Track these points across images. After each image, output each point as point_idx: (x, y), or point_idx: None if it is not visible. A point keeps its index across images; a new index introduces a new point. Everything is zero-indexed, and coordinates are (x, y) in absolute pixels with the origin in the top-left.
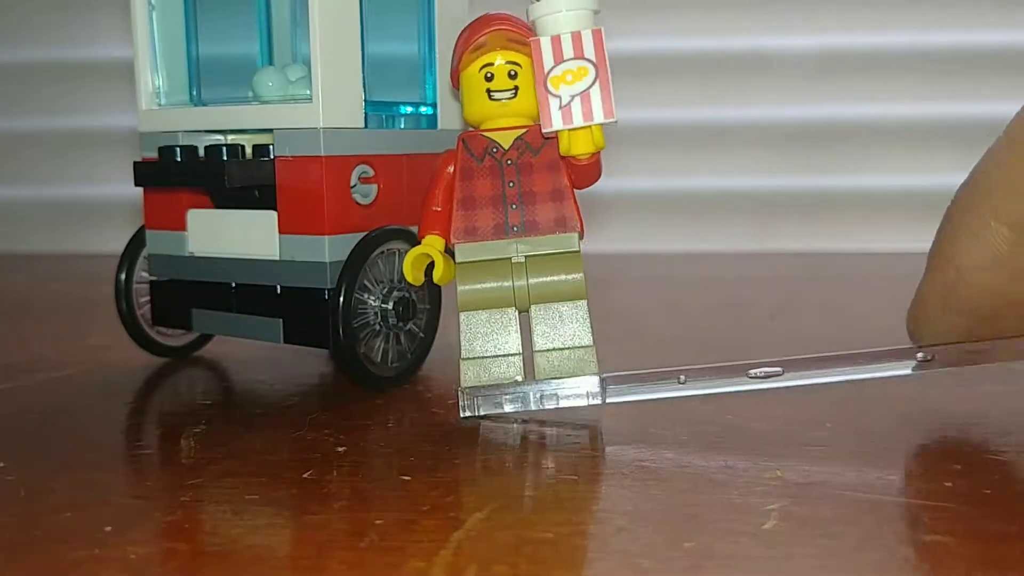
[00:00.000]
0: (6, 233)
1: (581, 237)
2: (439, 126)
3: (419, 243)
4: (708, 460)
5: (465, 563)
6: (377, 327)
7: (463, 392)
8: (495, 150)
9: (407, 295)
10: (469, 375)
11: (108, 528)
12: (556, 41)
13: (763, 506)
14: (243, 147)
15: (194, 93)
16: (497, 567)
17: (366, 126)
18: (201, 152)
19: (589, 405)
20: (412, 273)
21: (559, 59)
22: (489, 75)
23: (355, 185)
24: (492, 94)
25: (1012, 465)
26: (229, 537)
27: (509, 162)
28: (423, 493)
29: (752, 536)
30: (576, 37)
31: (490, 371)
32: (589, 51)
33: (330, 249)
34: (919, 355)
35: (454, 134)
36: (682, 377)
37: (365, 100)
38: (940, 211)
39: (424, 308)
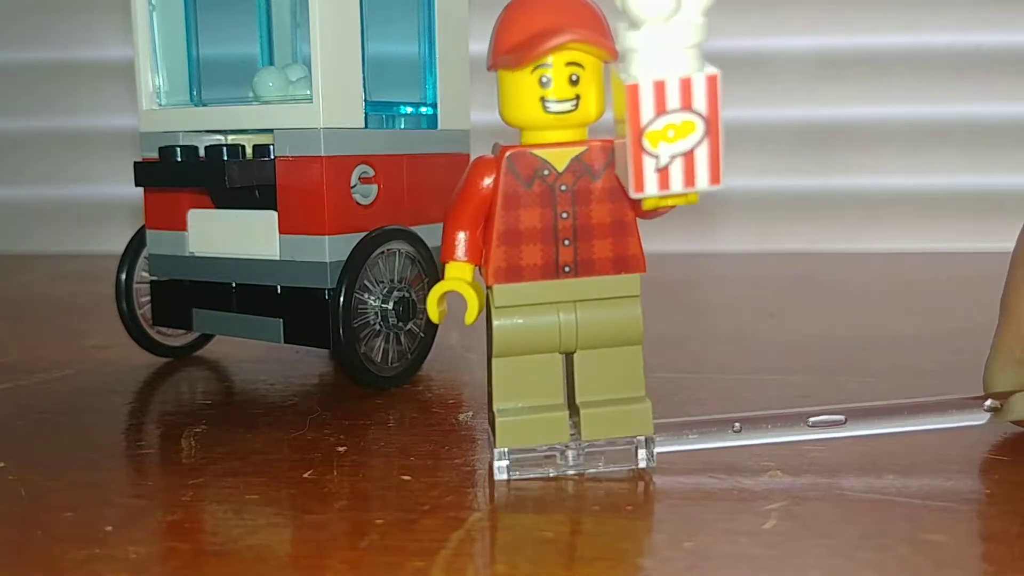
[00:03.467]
0: (6, 233)
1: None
2: (439, 126)
3: (442, 265)
4: (707, 459)
5: (465, 563)
6: (377, 327)
7: (499, 452)
8: (547, 173)
9: (407, 295)
10: (507, 436)
11: (109, 528)
12: (660, 88)
13: (763, 506)
14: (243, 147)
15: (194, 93)
16: (497, 567)
17: (366, 126)
18: (201, 152)
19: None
20: (436, 312)
21: (661, 110)
22: (545, 79)
23: (355, 185)
24: (548, 104)
25: (1012, 465)
26: (230, 537)
27: (563, 188)
28: (423, 493)
29: (752, 536)
30: (685, 84)
31: (532, 430)
32: (699, 102)
33: (330, 249)
34: (987, 403)
35: (454, 134)
36: (736, 425)
37: (365, 100)
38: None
39: (424, 308)
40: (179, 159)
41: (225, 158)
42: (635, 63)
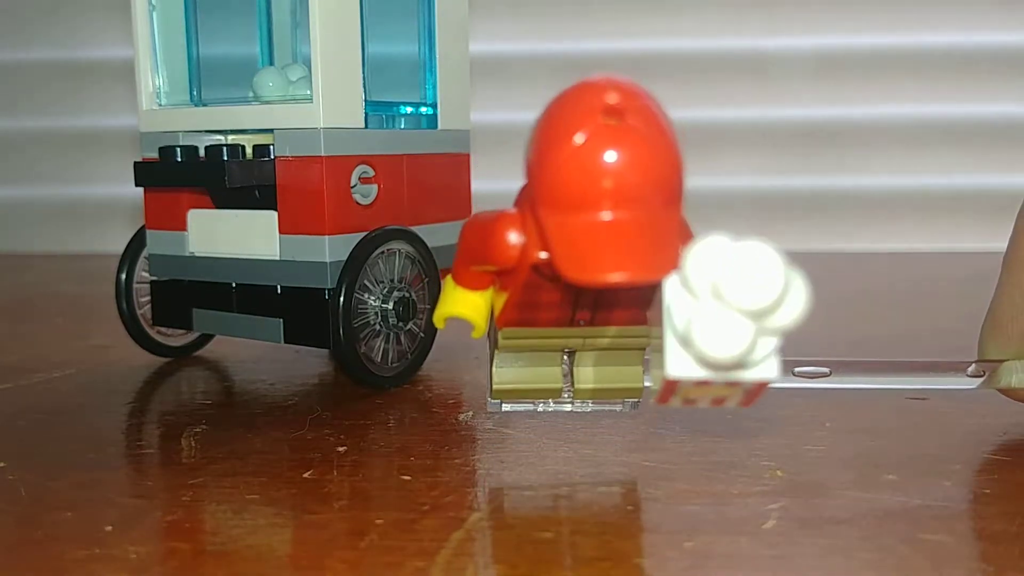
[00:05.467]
0: (6, 233)
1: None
2: (439, 126)
3: (451, 283)
4: (708, 459)
5: (465, 563)
6: (377, 327)
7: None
8: None
9: (407, 295)
10: (502, 392)
11: (109, 527)
12: (703, 382)
13: (763, 506)
14: (243, 147)
15: (194, 93)
16: (497, 567)
17: (366, 126)
18: (201, 152)
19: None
20: (442, 323)
21: (701, 387)
22: None
23: (355, 185)
24: None
25: (1012, 465)
26: (230, 536)
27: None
28: (423, 493)
29: (752, 536)
30: (732, 383)
31: (526, 391)
32: (745, 386)
33: (330, 249)
34: (970, 369)
35: (455, 134)
36: None
37: (365, 100)
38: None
39: (424, 308)
40: (179, 159)
41: (225, 158)
42: (681, 357)
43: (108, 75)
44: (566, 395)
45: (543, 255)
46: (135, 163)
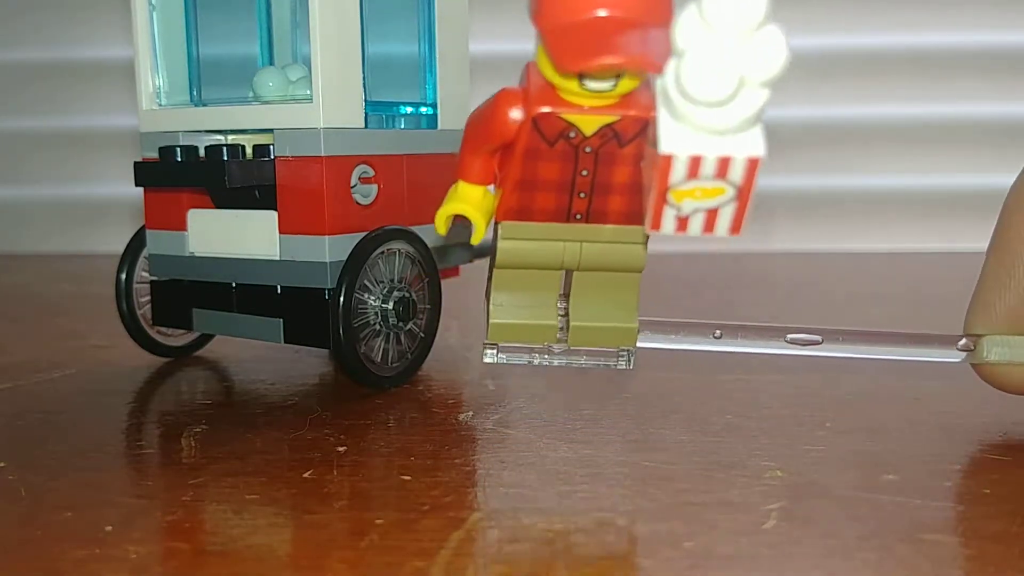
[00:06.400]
0: (6, 233)
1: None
2: (439, 126)
3: (455, 183)
4: (708, 459)
5: (465, 563)
6: (377, 327)
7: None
8: (573, 135)
9: (407, 295)
10: (498, 332)
11: (109, 527)
12: (695, 162)
13: (763, 506)
14: (243, 147)
15: (194, 93)
16: (497, 567)
17: (366, 126)
18: (201, 152)
19: (619, 358)
20: (444, 228)
21: (692, 177)
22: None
23: (355, 185)
24: (585, 82)
25: (1012, 465)
26: (230, 536)
27: (588, 149)
28: (423, 493)
29: (752, 536)
30: (723, 161)
31: (522, 330)
32: (735, 175)
33: (330, 249)
34: (960, 343)
35: (454, 134)
36: (718, 332)
37: (365, 100)
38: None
39: (424, 308)
40: (179, 159)
41: (225, 158)
42: (674, 131)
43: (108, 75)
44: (560, 333)
45: (545, 109)
46: (135, 163)
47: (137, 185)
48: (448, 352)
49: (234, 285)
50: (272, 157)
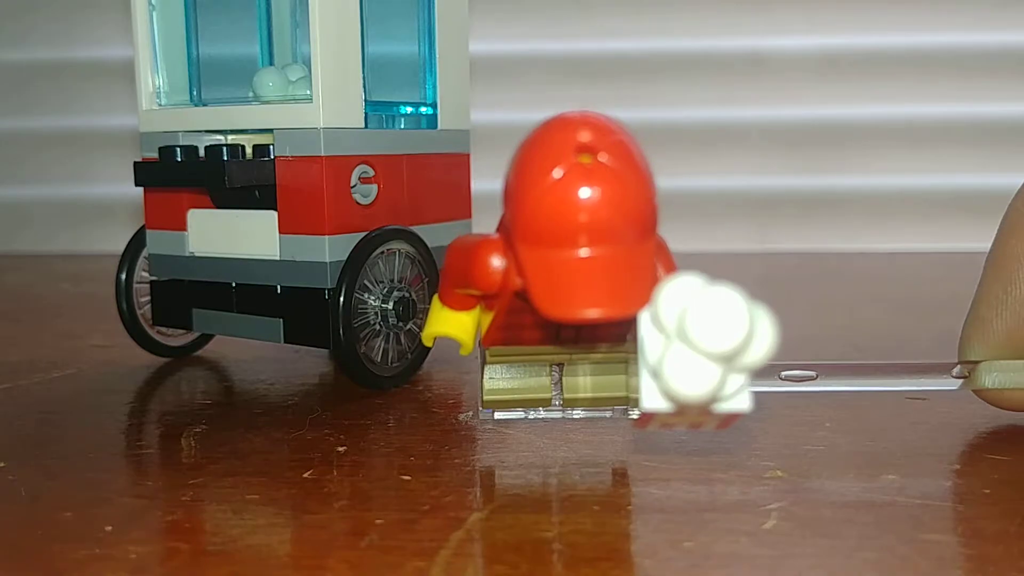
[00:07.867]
0: (6, 233)
1: None
2: (439, 126)
3: (439, 298)
4: (708, 459)
5: (465, 563)
6: (377, 327)
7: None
8: None
9: (407, 295)
10: (493, 402)
11: (109, 527)
12: (679, 410)
13: (763, 506)
14: (243, 147)
15: (194, 93)
16: (497, 567)
17: (366, 126)
18: (201, 152)
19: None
20: (431, 341)
21: (677, 416)
22: None
23: (355, 185)
24: None
25: (1012, 465)
26: (229, 536)
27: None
28: (423, 493)
29: (752, 536)
30: (706, 412)
31: (516, 399)
32: (718, 417)
33: (330, 249)
34: (955, 370)
35: (454, 134)
36: None
37: (365, 100)
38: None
39: (424, 308)
40: (179, 159)
41: (225, 158)
42: (654, 389)
43: (108, 75)
44: (556, 403)
45: None
46: (135, 163)
47: (137, 185)
48: (448, 352)
49: (234, 285)
50: (272, 157)
